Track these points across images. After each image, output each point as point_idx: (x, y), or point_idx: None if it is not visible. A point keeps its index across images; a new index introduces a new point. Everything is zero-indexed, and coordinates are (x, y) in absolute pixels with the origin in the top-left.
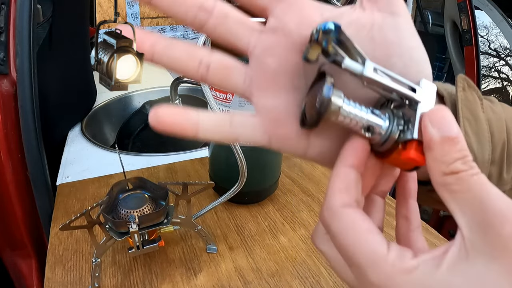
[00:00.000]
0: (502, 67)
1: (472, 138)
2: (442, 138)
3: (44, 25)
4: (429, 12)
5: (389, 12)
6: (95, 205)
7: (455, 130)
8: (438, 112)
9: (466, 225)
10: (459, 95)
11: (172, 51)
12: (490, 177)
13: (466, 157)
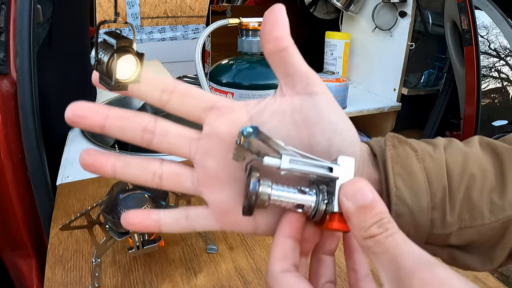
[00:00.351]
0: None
1: (405, 191)
2: (357, 208)
3: (44, 25)
4: (429, 12)
5: (307, 93)
6: (95, 205)
7: (369, 197)
8: (351, 185)
9: (386, 280)
10: (388, 154)
11: (129, 169)
12: (433, 221)
13: (382, 220)
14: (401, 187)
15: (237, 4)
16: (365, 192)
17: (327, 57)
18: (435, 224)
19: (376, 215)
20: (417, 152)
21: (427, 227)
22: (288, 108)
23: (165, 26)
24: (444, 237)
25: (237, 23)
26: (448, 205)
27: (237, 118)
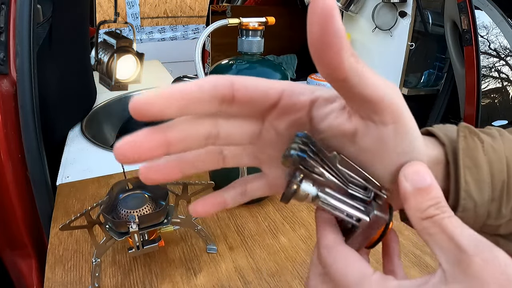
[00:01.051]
0: (502, 67)
1: (472, 186)
2: (415, 189)
3: (44, 25)
4: (429, 12)
5: (373, 121)
6: (95, 205)
7: (427, 181)
8: (411, 167)
9: (444, 260)
10: (460, 146)
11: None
12: (489, 213)
13: (439, 203)
14: (469, 182)
15: (237, 4)
16: (424, 175)
17: None
18: (490, 216)
19: (433, 198)
20: (483, 144)
21: (483, 218)
22: (351, 127)
23: (165, 26)
24: (495, 228)
25: (237, 23)
26: (505, 198)
27: (298, 120)
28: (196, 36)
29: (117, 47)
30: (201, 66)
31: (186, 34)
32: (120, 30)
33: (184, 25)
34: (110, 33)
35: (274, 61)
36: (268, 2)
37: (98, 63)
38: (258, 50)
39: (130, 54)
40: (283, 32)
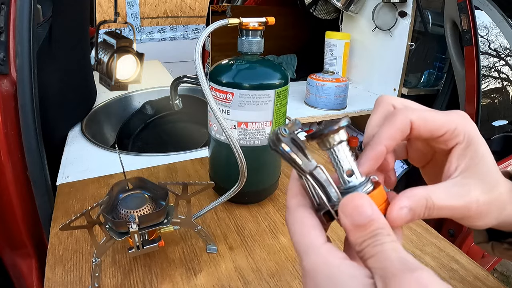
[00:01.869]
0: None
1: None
2: (353, 226)
3: (44, 25)
4: (429, 12)
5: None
6: (95, 205)
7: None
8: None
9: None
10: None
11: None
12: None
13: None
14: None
15: (237, 4)
16: (363, 210)
17: (327, 57)
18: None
19: (371, 231)
20: None
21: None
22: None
23: (165, 26)
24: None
25: (237, 23)
26: None
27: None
28: (196, 36)
29: (117, 47)
30: (201, 66)
31: (186, 34)
32: (120, 30)
33: (184, 25)
34: (110, 33)
35: (274, 61)
36: (268, 2)
37: (98, 63)
38: (258, 50)
39: (130, 54)
40: (283, 32)
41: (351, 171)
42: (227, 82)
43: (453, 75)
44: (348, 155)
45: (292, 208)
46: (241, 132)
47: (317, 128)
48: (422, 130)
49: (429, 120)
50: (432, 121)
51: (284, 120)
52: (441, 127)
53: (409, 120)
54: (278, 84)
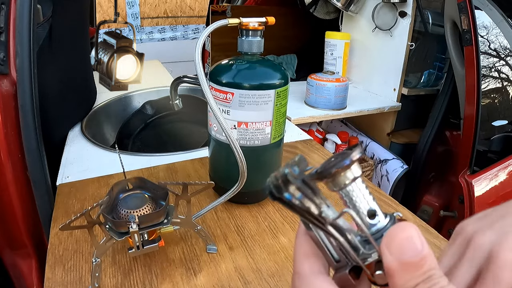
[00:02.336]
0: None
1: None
2: (401, 264)
3: (44, 25)
4: (429, 12)
5: None
6: (95, 205)
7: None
8: (397, 234)
9: None
10: None
11: None
12: None
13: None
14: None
15: (237, 4)
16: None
17: (327, 57)
18: None
19: (424, 273)
20: None
21: None
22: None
23: (165, 26)
24: None
25: (237, 23)
26: None
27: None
28: (196, 36)
29: (117, 47)
30: (201, 66)
31: (186, 34)
32: (120, 30)
33: (184, 25)
34: (110, 33)
35: (274, 61)
36: (268, 2)
37: (98, 63)
38: (258, 50)
39: (130, 54)
40: (283, 32)
41: (373, 211)
42: (227, 82)
43: (453, 75)
44: (365, 193)
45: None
46: (241, 132)
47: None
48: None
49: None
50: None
51: (284, 120)
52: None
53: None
54: (278, 84)
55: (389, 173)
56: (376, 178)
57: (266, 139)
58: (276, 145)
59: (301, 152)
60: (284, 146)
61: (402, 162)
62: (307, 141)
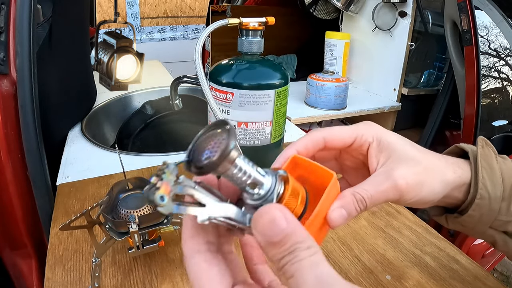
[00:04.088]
0: (502, 67)
1: (487, 181)
2: (267, 243)
3: (44, 25)
4: (429, 12)
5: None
6: (95, 205)
7: (280, 230)
8: (261, 217)
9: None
10: (479, 151)
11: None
12: (501, 209)
13: (296, 250)
14: (485, 177)
15: (237, 4)
16: (276, 224)
17: (327, 57)
18: (501, 211)
19: (288, 248)
20: (496, 155)
21: (495, 212)
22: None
23: (165, 26)
24: (504, 224)
25: (237, 23)
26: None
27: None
28: (196, 36)
29: (117, 47)
30: (201, 66)
31: (186, 34)
32: (120, 30)
33: (184, 25)
34: (110, 33)
35: (274, 61)
36: (268, 2)
37: (98, 63)
38: (258, 50)
39: (130, 54)
40: (283, 32)
41: (253, 184)
42: (227, 82)
43: (453, 75)
44: (246, 168)
45: (187, 257)
46: (241, 132)
47: (197, 157)
48: (335, 142)
49: (337, 134)
50: (340, 134)
51: (284, 120)
52: (349, 136)
53: (321, 135)
54: (278, 84)
55: None
56: None
57: (266, 139)
58: (276, 145)
59: None
60: (284, 146)
61: None
62: None
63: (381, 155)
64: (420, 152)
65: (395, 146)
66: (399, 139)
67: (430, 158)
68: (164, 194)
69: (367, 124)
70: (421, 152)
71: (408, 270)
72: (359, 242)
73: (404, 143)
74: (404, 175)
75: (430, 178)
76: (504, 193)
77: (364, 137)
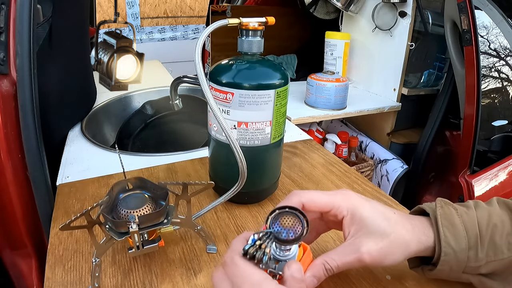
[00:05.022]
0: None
1: (450, 238)
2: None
3: (44, 25)
4: (429, 12)
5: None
6: (95, 205)
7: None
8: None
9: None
10: (438, 212)
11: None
12: (469, 258)
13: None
14: (447, 235)
15: (237, 4)
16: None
17: (327, 57)
18: (470, 259)
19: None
20: (457, 210)
21: (464, 262)
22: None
23: (165, 26)
24: (476, 268)
25: (237, 23)
26: (479, 246)
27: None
28: (196, 36)
29: (117, 47)
30: (201, 66)
31: (186, 34)
32: (120, 30)
33: (184, 25)
34: (110, 33)
35: (274, 61)
36: (268, 2)
37: (98, 63)
38: (258, 50)
39: (130, 54)
40: (283, 32)
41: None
42: (227, 82)
43: (453, 75)
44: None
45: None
46: (241, 132)
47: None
48: (313, 208)
49: (316, 201)
50: (318, 202)
51: (284, 120)
52: (325, 206)
53: (300, 201)
54: (278, 84)
55: (389, 173)
56: (376, 178)
57: (266, 139)
58: (276, 145)
59: (301, 152)
60: (284, 146)
61: (402, 162)
62: (307, 141)
63: (352, 227)
64: (390, 225)
65: (366, 222)
66: (373, 213)
67: (398, 230)
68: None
69: (344, 195)
70: (391, 224)
71: (408, 270)
72: None
73: (377, 217)
74: (369, 250)
75: (394, 250)
76: (469, 243)
77: (340, 209)
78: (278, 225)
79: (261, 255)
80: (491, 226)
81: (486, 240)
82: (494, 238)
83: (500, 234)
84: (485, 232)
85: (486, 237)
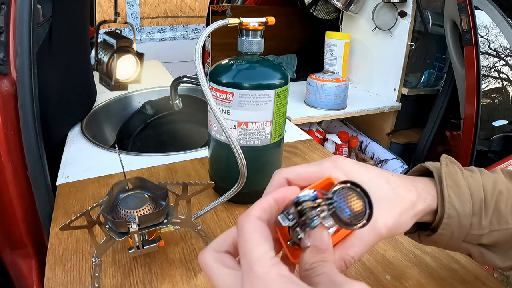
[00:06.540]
0: (502, 67)
1: (454, 199)
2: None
3: (44, 25)
4: (429, 12)
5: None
6: (95, 205)
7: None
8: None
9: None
10: (443, 170)
11: None
12: (472, 224)
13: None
14: (452, 196)
15: (237, 4)
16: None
17: (327, 57)
18: (473, 226)
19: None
20: (462, 171)
21: (467, 228)
22: None
23: (165, 26)
24: (478, 237)
25: (237, 23)
26: (484, 212)
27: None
28: (196, 36)
29: (117, 47)
30: (201, 66)
31: (186, 34)
32: (120, 30)
33: (184, 25)
34: (110, 33)
35: (274, 61)
36: (268, 2)
37: (98, 63)
38: (258, 50)
39: (130, 54)
40: (283, 32)
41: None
42: (227, 82)
43: (453, 75)
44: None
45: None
46: (241, 132)
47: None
48: (299, 182)
49: (301, 173)
50: (304, 173)
51: (284, 120)
52: (313, 176)
53: (283, 177)
54: (278, 84)
55: None
56: None
57: (266, 139)
58: (276, 145)
59: (301, 152)
60: (284, 146)
61: (402, 162)
62: (307, 141)
63: None
64: (392, 188)
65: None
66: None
67: (402, 193)
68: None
69: (333, 161)
70: (393, 187)
71: (408, 270)
72: None
73: (377, 182)
74: (385, 223)
75: (405, 217)
76: (474, 208)
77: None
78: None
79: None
80: (496, 192)
81: (491, 207)
82: (499, 205)
83: (505, 202)
84: (490, 198)
85: (491, 204)
